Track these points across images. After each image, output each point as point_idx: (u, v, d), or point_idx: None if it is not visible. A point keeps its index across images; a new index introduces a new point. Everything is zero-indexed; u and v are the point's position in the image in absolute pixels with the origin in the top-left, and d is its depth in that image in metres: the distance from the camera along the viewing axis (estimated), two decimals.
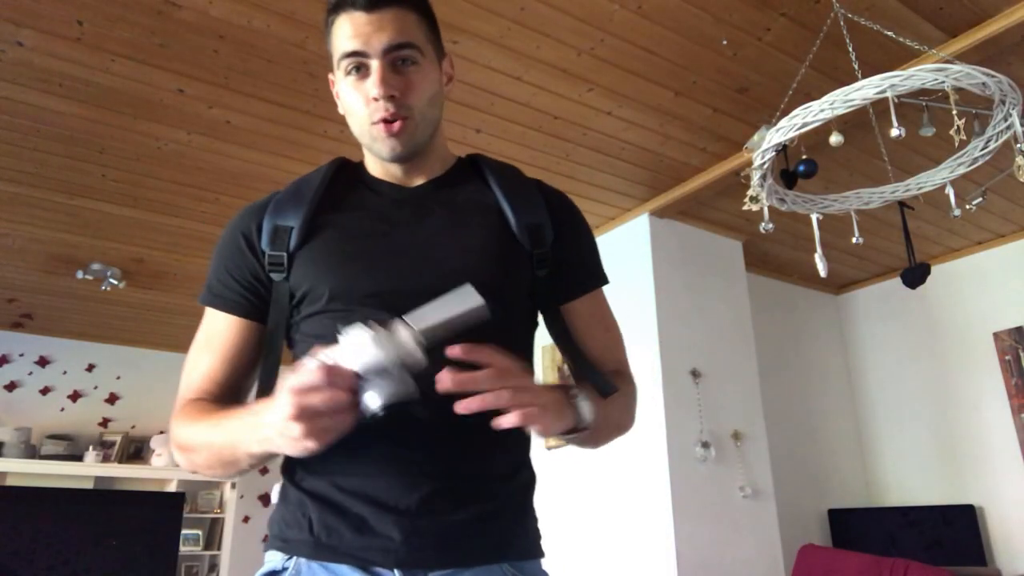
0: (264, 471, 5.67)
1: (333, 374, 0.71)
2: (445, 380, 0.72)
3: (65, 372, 5.16)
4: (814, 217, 2.18)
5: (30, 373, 5.04)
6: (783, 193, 2.14)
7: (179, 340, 5.41)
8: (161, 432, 5.27)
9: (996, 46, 2.35)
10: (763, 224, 2.10)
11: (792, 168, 2.09)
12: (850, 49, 2.03)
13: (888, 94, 1.59)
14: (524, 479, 0.94)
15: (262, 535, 5.60)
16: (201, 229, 3.59)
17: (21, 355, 5.04)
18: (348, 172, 1.03)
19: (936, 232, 3.88)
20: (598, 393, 0.93)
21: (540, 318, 1.04)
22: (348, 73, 0.92)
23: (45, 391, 5.07)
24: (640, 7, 2.21)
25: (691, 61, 2.47)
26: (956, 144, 1.73)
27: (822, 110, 1.67)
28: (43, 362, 5.10)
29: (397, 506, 0.83)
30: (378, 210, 0.97)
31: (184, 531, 4.95)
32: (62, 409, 5.09)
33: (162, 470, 5.09)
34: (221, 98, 2.59)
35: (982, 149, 1.82)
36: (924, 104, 2.03)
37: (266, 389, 0.93)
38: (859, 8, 2.19)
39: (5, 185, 3.12)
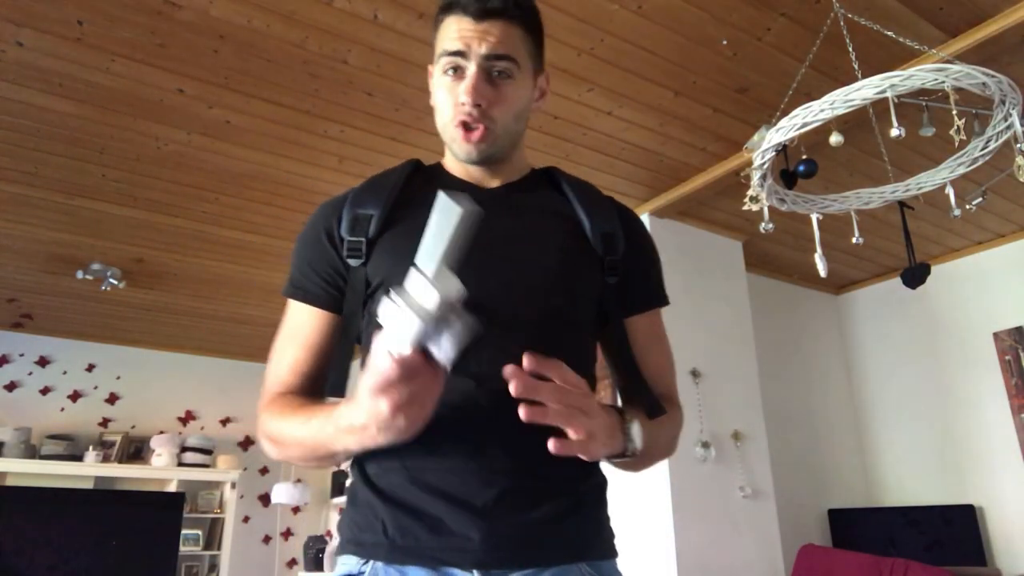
0: (264, 471, 5.68)
1: (407, 366, 0.69)
2: (511, 375, 0.73)
3: (65, 372, 5.16)
4: (814, 217, 2.18)
5: (30, 373, 5.05)
6: (783, 193, 2.14)
7: (179, 340, 5.41)
8: (161, 432, 5.28)
9: (996, 46, 2.35)
10: (763, 224, 2.10)
11: (792, 168, 2.09)
12: (850, 49, 2.03)
13: (888, 94, 1.59)
14: (598, 479, 0.94)
15: (262, 535, 5.60)
16: (201, 229, 3.59)
17: (21, 355, 5.04)
18: (425, 171, 1.04)
19: (936, 232, 3.88)
20: (646, 414, 0.93)
21: None
22: (445, 72, 0.94)
23: (45, 391, 5.07)
24: (640, 7, 2.21)
25: (691, 61, 2.47)
26: (956, 144, 1.73)
27: (822, 110, 1.67)
28: (43, 362, 5.11)
29: (473, 503, 0.82)
30: None
31: (184, 531, 4.95)
32: (62, 409, 5.10)
33: (162, 470, 5.09)
34: (221, 98, 2.59)
35: (982, 149, 1.82)
36: (924, 104, 2.03)
37: (339, 375, 0.94)
38: (859, 8, 2.19)
39: (5, 185, 3.12)
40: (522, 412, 0.72)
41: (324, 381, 0.97)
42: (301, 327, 0.98)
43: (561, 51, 2.38)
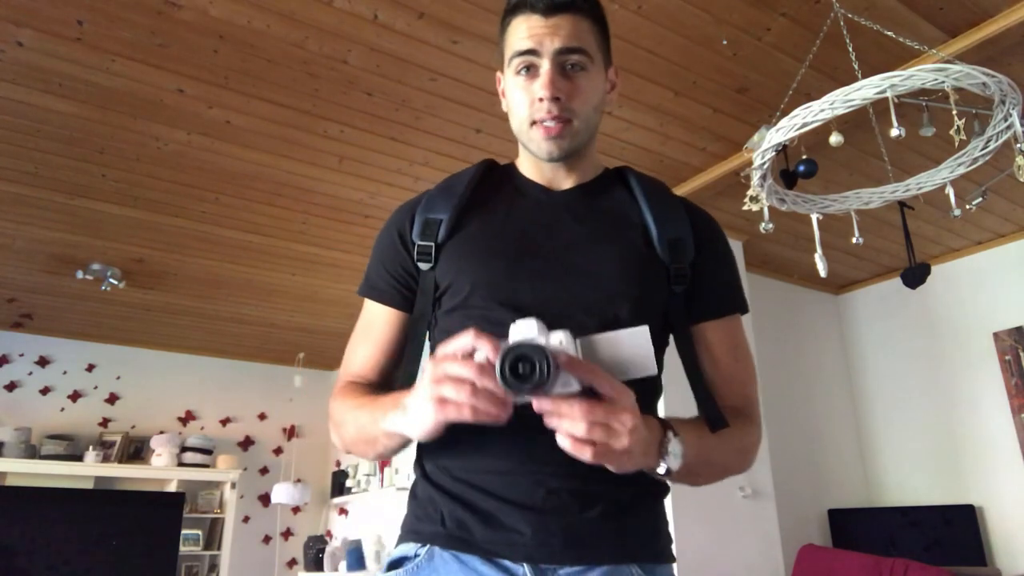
0: (264, 471, 5.68)
1: (482, 339, 0.72)
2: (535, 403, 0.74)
3: (65, 372, 5.16)
4: (814, 217, 2.18)
5: (30, 373, 5.05)
6: (783, 193, 2.14)
7: (179, 340, 5.41)
8: (161, 432, 5.28)
9: (996, 46, 2.35)
10: (763, 224, 2.10)
11: (792, 168, 2.09)
12: (850, 49, 2.03)
13: (888, 94, 1.59)
14: (653, 483, 0.91)
15: (262, 535, 5.60)
16: (201, 229, 3.59)
17: (21, 355, 5.04)
18: (497, 173, 1.05)
19: (936, 232, 3.88)
20: (708, 426, 0.91)
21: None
22: (518, 73, 0.94)
23: (45, 391, 5.07)
24: (640, 7, 2.21)
25: (691, 61, 2.47)
26: (956, 144, 1.74)
27: (822, 110, 1.67)
28: (43, 362, 5.11)
29: (524, 502, 0.84)
30: (524, 211, 0.99)
31: (184, 531, 4.95)
32: (62, 409, 5.10)
33: (162, 470, 5.09)
34: (221, 98, 2.59)
35: (982, 149, 1.82)
36: (924, 104, 2.04)
37: (408, 374, 0.96)
38: (859, 8, 2.19)
39: (5, 185, 3.12)
40: (561, 442, 0.73)
41: (392, 377, 1.01)
42: (373, 324, 1.01)
43: None
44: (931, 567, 3.09)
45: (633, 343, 0.75)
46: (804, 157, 2.08)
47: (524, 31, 0.93)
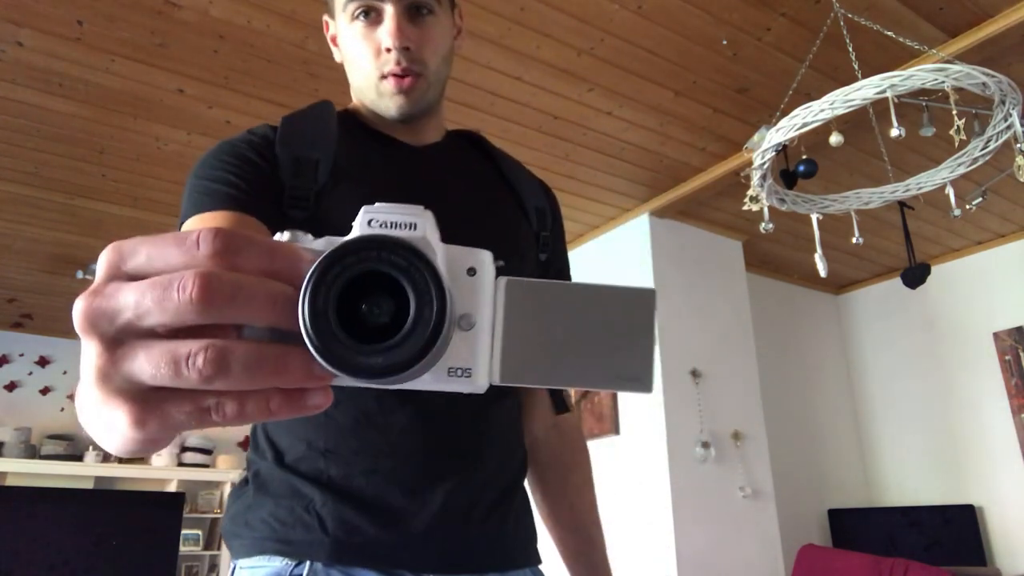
0: None
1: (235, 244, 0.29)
2: None
3: (65, 372, 5.16)
4: (814, 217, 2.18)
5: (30, 373, 5.05)
6: (783, 193, 2.14)
7: None
8: None
9: (996, 46, 2.35)
10: (763, 224, 2.10)
11: (792, 168, 2.09)
12: (850, 49, 2.03)
13: (888, 94, 1.59)
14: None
15: None
16: None
17: (21, 355, 5.04)
18: (347, 119, 0.89)
19: (936, 232, 3.88)
20: (553, 407, 0.91)
21: None
22: (355, 17, 0.81)
23: (45, 391, 5.07)
24: (640, 7, 2.21)
25: (691, 61, 2.47)
26: (956, 144, 1.74)
27: (822, 110, 1.67)
28: (43, 362, 5.11)
29: (427, 502, 0.73)
30: (401, 163, 0.86)
31: (184, 531, 4.94)
32: (62, 409, 5.10)
33: (162, 470, 5.10)
34: (221, 98, 2.59)
35: (982, 149, 1.82)
36: (924, 104, 2.03)
37: None
38: (859, 8, 2.19)
39: (5, 185, 3.12)
40: None
41: None
42: None
43: (561, 51, 2.38)
44: (931, 567, 3.09)
45: (627, 321, 0.34)
46: (804, 157, 2.08)
47: None
